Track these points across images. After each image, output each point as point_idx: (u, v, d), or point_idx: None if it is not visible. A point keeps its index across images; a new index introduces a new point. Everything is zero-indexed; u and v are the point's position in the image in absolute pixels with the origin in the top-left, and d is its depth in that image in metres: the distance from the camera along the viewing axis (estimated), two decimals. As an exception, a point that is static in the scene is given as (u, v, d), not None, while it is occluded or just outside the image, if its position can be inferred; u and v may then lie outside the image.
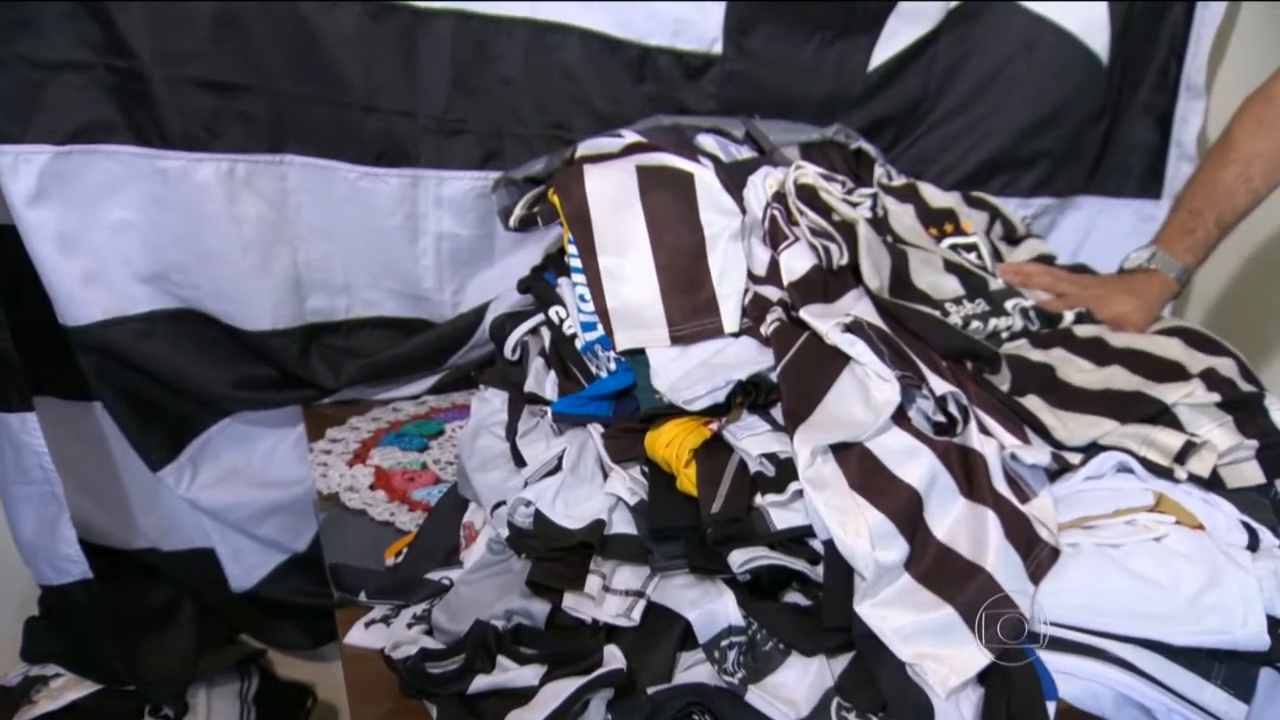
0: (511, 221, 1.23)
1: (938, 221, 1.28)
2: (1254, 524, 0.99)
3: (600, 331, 1.06)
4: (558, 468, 1.00)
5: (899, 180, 1.34)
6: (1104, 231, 1.73)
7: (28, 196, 1.21)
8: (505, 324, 1.20)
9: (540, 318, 1.16)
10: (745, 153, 1.22)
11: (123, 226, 1.27)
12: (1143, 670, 0.91)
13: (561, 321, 1.12)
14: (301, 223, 1.35)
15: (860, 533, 0.88)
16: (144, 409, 1.36)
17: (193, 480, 1.42)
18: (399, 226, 1.39)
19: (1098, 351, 1.14)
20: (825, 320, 0.99)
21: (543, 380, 1.12)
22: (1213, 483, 1.03)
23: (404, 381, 1.45)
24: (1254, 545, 0.97)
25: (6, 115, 1.18)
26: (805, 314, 1.00)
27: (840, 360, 0.97)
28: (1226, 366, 1.12)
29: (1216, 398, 1.08)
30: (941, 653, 0.87)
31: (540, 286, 1.18)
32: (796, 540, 0.91)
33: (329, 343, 1.41)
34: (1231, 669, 0.92)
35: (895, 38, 1.52)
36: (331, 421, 1.37)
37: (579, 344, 1.09)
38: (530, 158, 1.34)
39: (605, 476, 0.98)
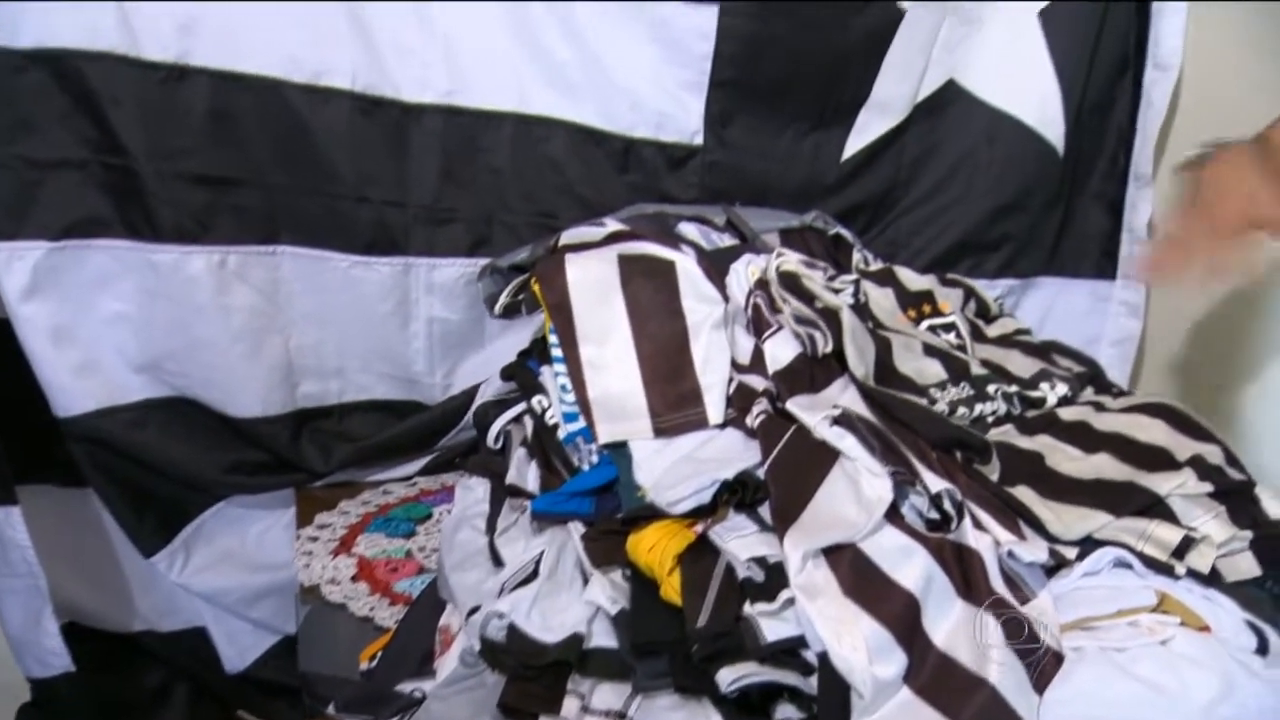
0: (496, 309, 1.13)
1: (916, 303, 1.18)
2: (1260, 624, 0.85)
3: (583, 423, 0.94)
4: (535, 573, 0.85)
5: (876, 265, 1.25)
6: (1063, 310, 1.65)
7: (21, 291, 1.12)
8: (489, 411, 1.09)
9: (523, 406, 1.04)
10: (727, 240, 1.13)
11: (116, 319, 1.18)
12: None
13: (544, 411, 1.00)
14: (293, 310, 1.25)
15: (856, 646, 0.75)
16: (137, 496, 1.24)
17: (185, 565, 1.30)
18: (390, 312, 1.29)
19: (1084, 437, 1.01)
20: (813, 413, 0.87)
21: (524, 471, 1.00)
22: (1211, 577, 0.90)
23: (396, 463, 1.34)
24: (1263, 648, 0.84)
25: (3, 213, 1.09)
26: (792, 406, 0.88)
27: (830, 455, 0.85)
28: (1213, 454, 0.99)
29: (1209, 488, 0.95)
30: None
31: (523, 374, 1.07)
32: (788, 651, 0.77)
33: (321, 427, 1.30)
34: None
35: (866, 130, 1.44)
36: (322, 504, 1.25)
37: (561, 435, 0.97)
38: (518, 245, 1.26)
39: (585, 581, 0.84)
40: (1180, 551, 0.89)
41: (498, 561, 0.92)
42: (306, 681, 0.95)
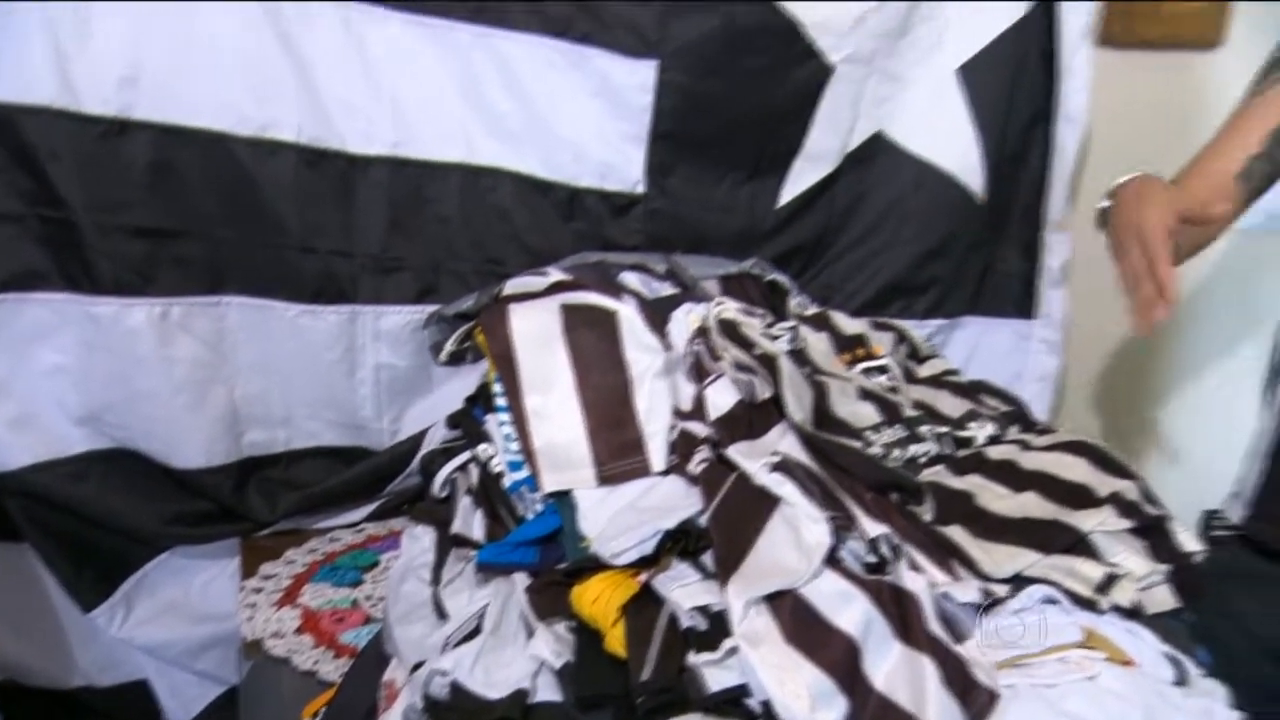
0: (442, 356, 1.12)
1: (850, 347, 1.18)
2: (1178, 655, 0.87)
3: (528, 472, 0.92)
4: (479, 628, 0.82)
5: (812, 309, 1.25)
6: (987, 349, 1.66)
7: None
8: (435, 459, 1.06)
9: (469, 455, 1.01)
10: (668, 288, 1.12)
11: (54, 371, 1.11)
12: None
13: (489, 459, 0.98)
14: (238, 360, 1.20)
15: (799, 693, 0.74)
16: (76, 550, 1.18)
17: (126, 618, 1.23)
18: (337, 360, 1.24)
19: (1011, 476, 1.02)
20: (753, 460, 0.87)
21: (470, 520, 0.97)
22: (1133, 611, 0.91)
23: (343, 510, 1.29)
24: (1181, 680, 0.85)
25: None
26: (733, 453, 0.88)
27: (770, 502, 0.84)
28: (1130, 490, 1.01)
29: (1128, 523, 0.96)
30: None
31: (469, 422, 1.04)
32: (732, 700, 0.75)
33: (267, 475, 1.25)
34: None
35: (800, 179, 1.45)
36: (268, 554, 1.19)
37: (506, 483, 0.95)
38: (466, 292, 1.24)
39: (529, 634, 0.80)
40: (1104, 587, 0.90)
41: (442, 614, 0.87)
42: (245, 740, 0.90)
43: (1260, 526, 1.17)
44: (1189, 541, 0.97)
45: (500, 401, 0.95)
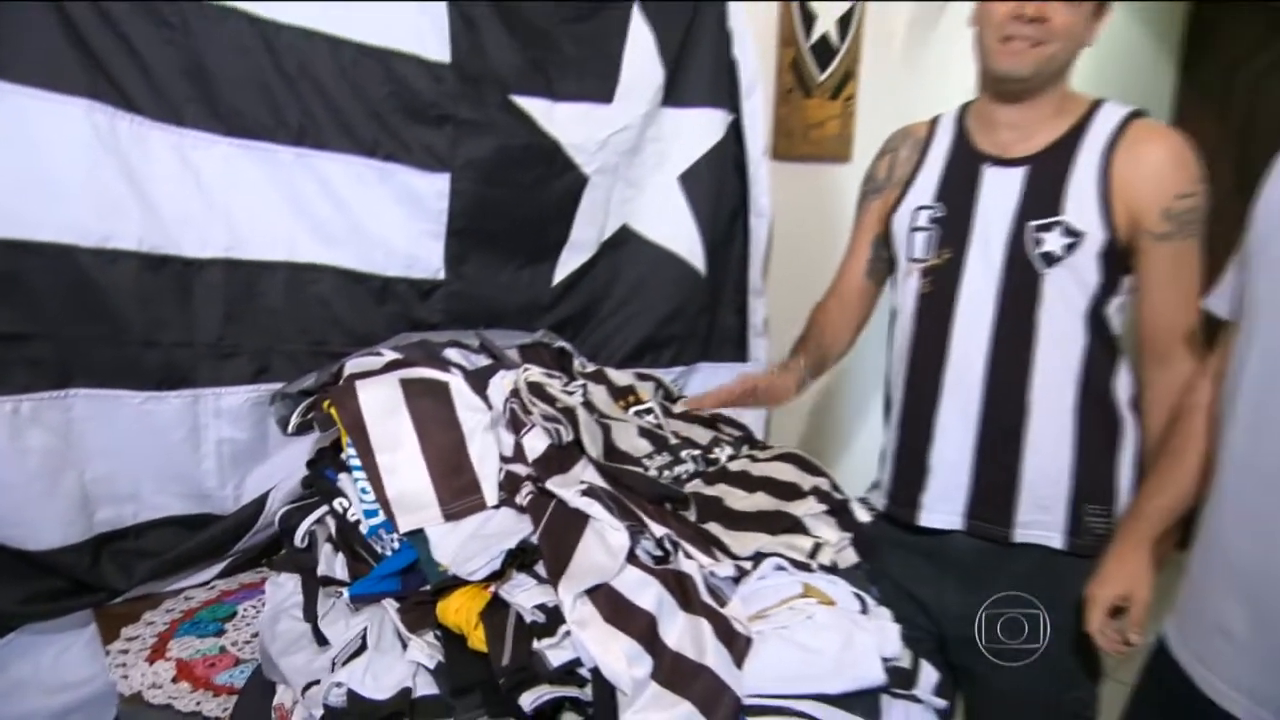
0: (290, 428, 1.09)
1: (623, 395, 1.27)
2: (862, 594, 1.04)
3: (383, 517, 0.94)
4: (363, 646, 0.85)
5: (590, 368, 1.33)
6: (715, 387, 1.68)
7: None
8: (292, 515, 1.05)
9: (325, 509, 1.01)
10: (482, 359, 1.16)
11: None
12: (817, 717, 0.89)
13: (345, 511, 0.98)
14: (87, 447, 1.11)
15: (618, 658, 0.82)
16: None
17: None
18: (183, 439, 1.18)
19: (746, 482, 1.15)
20: (566, 488, 0.94)
21: (333, 563, 0.97)
22: (832, 568, 1.06)
23: (194, 571, 1.21)
24: (865, 609, 1.01)
25: None
26: (551, 485, 0.95)
27: (583, 519, 0.92)
28: (824, 484, 1.17)
29: (824, 507, 1.13)
30: None
31: (322, 482, 1.03)
32: (569, 671, 0.83)
33: (120, 548, 1.15)
34: (864, 702, 0.93)
35: (568, 263, 1.52)
36: (125, 619, 1.11)
37: (364, 529, 0.95)
38: (296, 371, 1.22)
39: (405, 646, 0.84)
40: (812, 554, 1.06)
41: (322, 641, 0.89)
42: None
43: (894, 508, 1.34)
44: (863, 515, 1.15)
45: (354, 462, 0.95)
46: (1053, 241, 1.19)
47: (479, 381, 1.05)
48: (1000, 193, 1.23)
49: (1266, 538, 0.87)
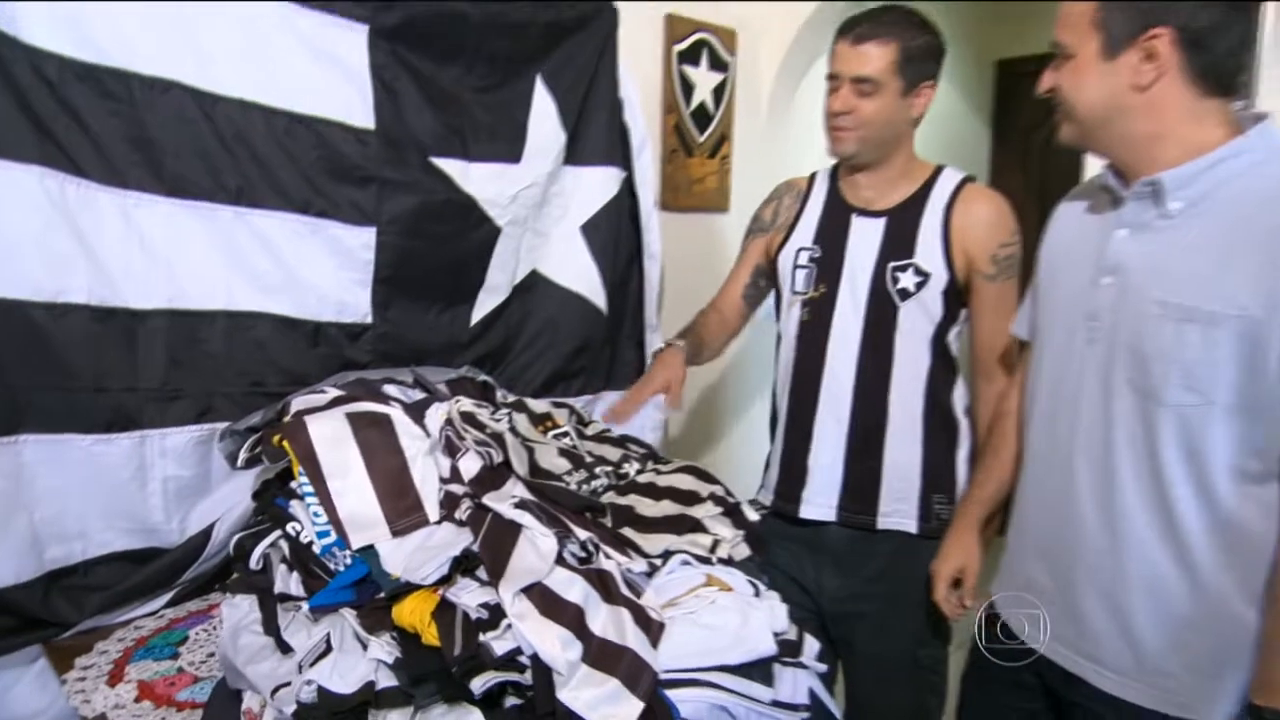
0: (239, 463, 1.12)
1: (542, 421, 1.34)
2: (754, 581, 1.14)
3: (334, 537, 0.99)
4: (328, 649, 0.90)
5: (511, 398, 1.40)
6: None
7: None
8: (246, 542, 1.08)
9: (279, 533, 1.05)
10: (417, 394, 1.22)
11: None
12: (722, 686, 1.00)
13: (298, 534, 1.03)
14: (37, 489, 1.10)
15: (553, 644, 0.90)
16: None
17: None
18: (130, 478, 1.19)
19: (653, 492, 1.26)
20: (501, 503, 1.01)
21: (288, 581, 1.01)
22: (729, 560, 1.17)
23: (144, 602, 1.21)
24: (758, 593, 1.12)
25: None
26: (487, 500, 1.02)
27: (516, 528, 0.99)
28: (718, 490, 1.29)
29: (719, 510, 1.24)
30: (615, 711, 0.90)
31: (274, 510, 1.07)
32: (511, 658, 0.90)
33: (69, 583, 1.14)
34: (760, 669, 1.03)
35: (485, 305, 1.58)
36: (76, 651, 1.10)
37: (317, 549, 1.00)
38: (236, 411, 1.25)
39: (365, 646, 0.90)
40: (712, 549, 1.15)
41: (286, 650, 0.93)
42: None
43: (780, 504, 1.48)
44: (752, 515, 1.26)
45: (307, 489, 1.00)
46: (907, 280, 1.37)
47: (417, 413, 1.11)
48: (866, 238, 1.41)
49: (1058, 512, 1.06)
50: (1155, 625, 0.96)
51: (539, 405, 1.39)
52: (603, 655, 0.93)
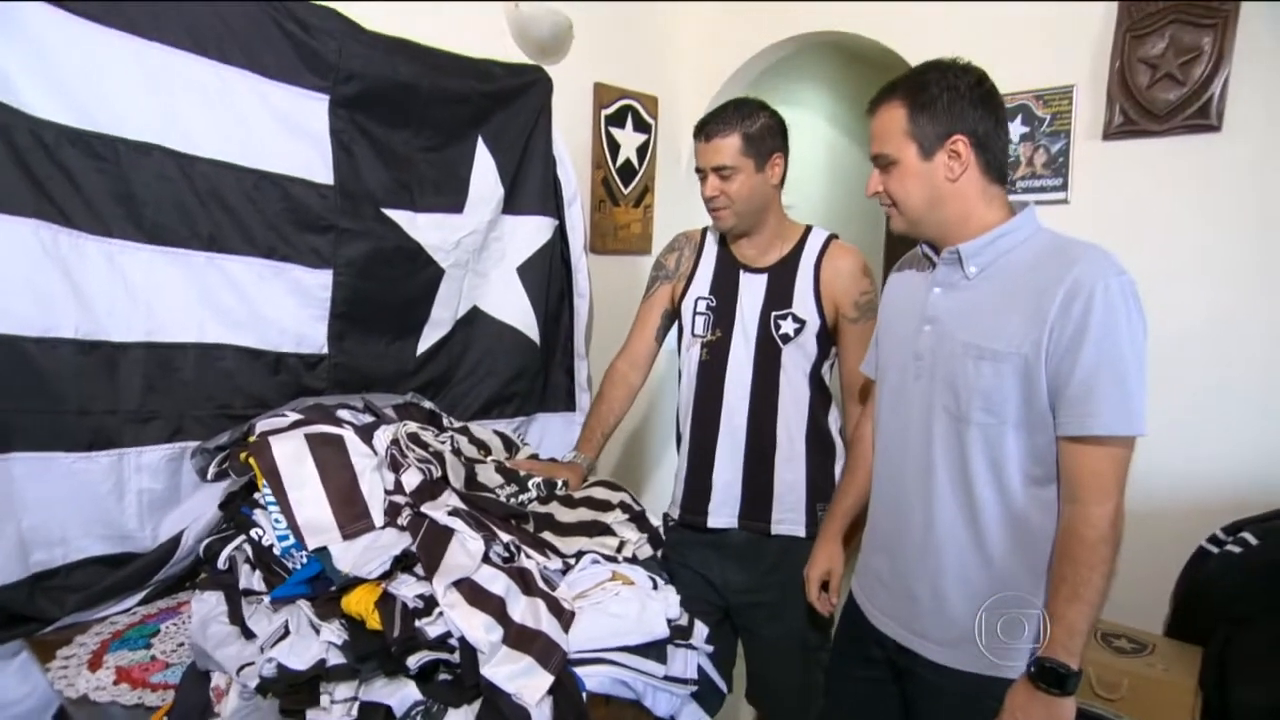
0: (209, 476, 1.21)
1: (483, 446, 1.47)
2: (654, 576, 1.27)
3: (293, 540, 1.08)
4: (285, 633, 1.01)
5: (456, 424, 1.51)
6: (551, 431, 1.97)
7: None
8: (214, 545, 1.17)
9: (243, 538, 1.14)
10: (367, 418, 1.32)
11: None
12: (623, 663, 1.13)
13: (260, 538, 1.12)
14: (25, 500, 1.18)
15: (478, 629, 1.02)
16: None
17: None
18: (108, 491, 1.27)
19: (570, 502, 1.40)
20: (437, 511, 1.13)
21: (251, 579, 1.11)
22: (633, 559, 1.31)
23: (118, 601, 1.28)
24: (656, 586, 1.25)
25: None
26: (425, 509, 1.13)
27: (450, 532, 1.11)
28: (626, 498, 1.43)
29: (626, 516, 1.38)
30: (529, 683, 1.02)
31: (239, 518, 1.17)
32: (441, 640, 1.02)
33: (51, 584, 1.21)
34: (656, 649, 1.16)
35: (429, 337, 1.69)
36: (56, 645, 1.17)
37: (277, 550, 1.10)
38: (205, 431, 1.33)
39: (318, 631, 1.01)
40: (619, 549, 1.29)
41: (249, 635, 1.03)
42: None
43: (688, 516, 1.60)
44: (655, 521, 1.41)
45: (269, 499, 1.09)
46: (787, 326, 1.53)
47: (366, 434, 1.22)
48: (752, 290, 1.56)
49: (895, 515, 1.22)
50: (964, 602, 1.13)
51: (480, 432, 1.50)
52: (520, 638, 1.05)
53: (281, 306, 1.47)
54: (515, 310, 1.84)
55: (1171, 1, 1.51)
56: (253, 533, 1.14)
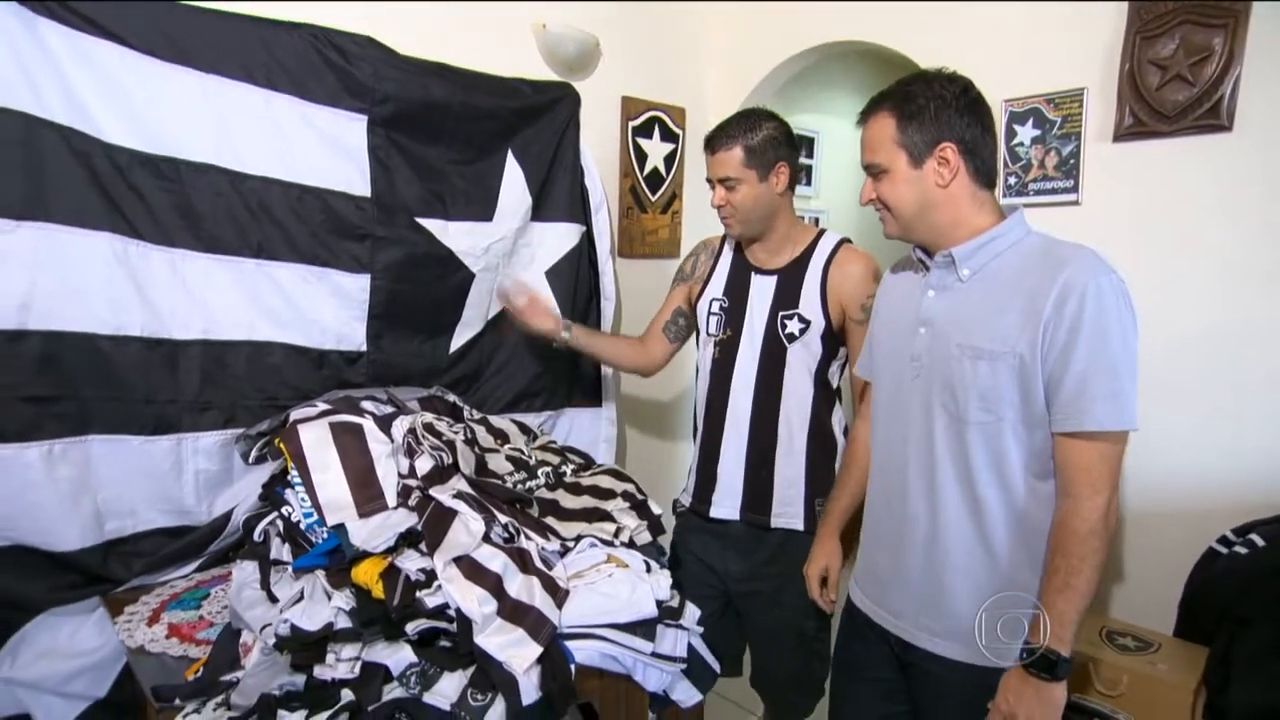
0: (250, 460, 1.31)
1: (501, 436, 1.53)
2: (649, 560, 1.31)
3: (316, 517, 1.16)
4: (301, 597, 1.10)
5: (478, 415, 1.58)
6: (579, 425, 2.00)
7: None
8: (252, 520, 1.26)
9: (275, 514, 1.22)
10: (389, 409, 1.38)
11: None
12: (614, 640, 1.18)
13: (290, 515, 1.20)
14: (100, 477, 1.30)
15: (474, 601, 1.08)
16: None
17: (13, 665, 1.26)
18: (169, 469, 1.38)
19: (576, 489, 1.44)
20: (443, 494, 1.20)
21: (281, 550, 1.19)
22: (630, 543, 1.35)
23: (178, 567, 1.40)
24: (649, 569, 1.29)
25: None
26: (433, 492, 1.20)
27: (453, 513, 1.17)
28: (630, 488, 1.47)
29: (628, 504, 1.42)
30: (519, 653, 1.08)
31: (274, 497, 1.25)
32: (439, 610, 1.08)
33: (122, 550, 1.34)
34: (645, 627, 1.20)
35: (461, 336, 1.75)
36: (125, 602, 1.29)
37: (303, 526, 1.17)
38: (254, 420, 1.43)
39: (329, 597, 1.08)
40: (616, 534, 1.33)
41: (274, 600, 1.12)
42: (155, 691, 1.05)
43: (695, 505, 1.64)
44: (655, 508, 1.44)
45: (297, 480, 1.17)
46: (793, 326, 1.53)
47: (385, 424, 1.29)
48: (762, 292, 1.58)
49: (896, 512, 1.20)
50: (970, 597, 1.11)
51: (499, 422, 1.57)
52: (514, 612, 1.11)
53: (324, 308, 1.55)
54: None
55: (1182, 2, 1.45)
56: (284, 509, 1.21)
